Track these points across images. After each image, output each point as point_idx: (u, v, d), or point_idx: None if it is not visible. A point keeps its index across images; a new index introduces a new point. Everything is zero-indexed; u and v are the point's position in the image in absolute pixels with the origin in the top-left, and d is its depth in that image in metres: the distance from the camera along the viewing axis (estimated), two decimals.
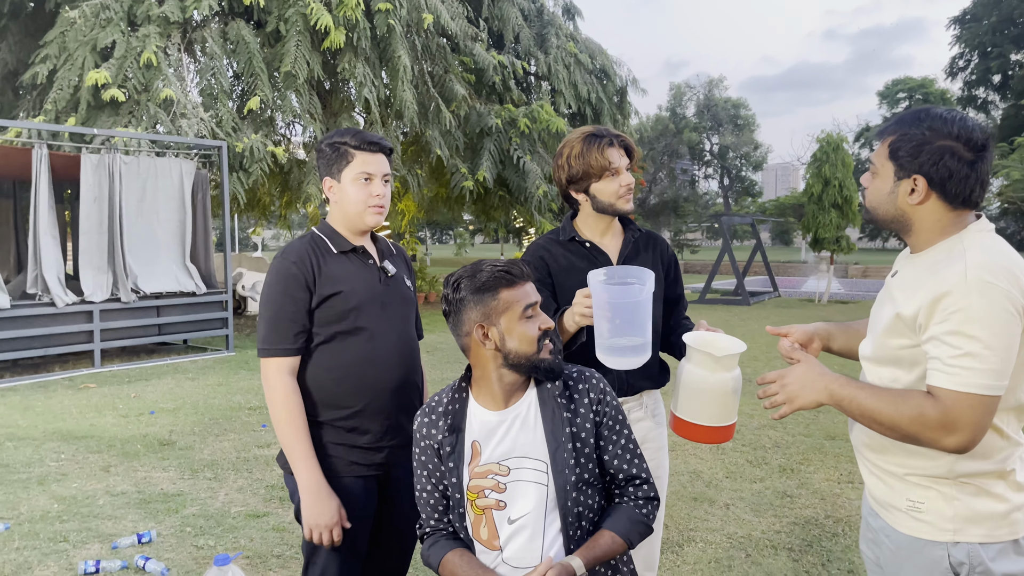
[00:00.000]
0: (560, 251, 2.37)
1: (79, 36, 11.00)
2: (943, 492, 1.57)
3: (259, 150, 11.29)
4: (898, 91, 50.26)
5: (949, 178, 1.54)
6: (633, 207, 2.34)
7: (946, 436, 1.48)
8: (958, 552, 1.54)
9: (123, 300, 9.02)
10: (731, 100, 63.87)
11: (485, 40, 15.10)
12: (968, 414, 1.46)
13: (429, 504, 1.81)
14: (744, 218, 21.88)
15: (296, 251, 2.13)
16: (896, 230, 1.67)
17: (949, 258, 1.54)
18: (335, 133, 2.18)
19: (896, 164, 1.60)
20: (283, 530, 3.96)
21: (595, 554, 1.67)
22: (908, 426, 1.52)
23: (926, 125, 1.57)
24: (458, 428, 1.77)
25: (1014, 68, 36.65)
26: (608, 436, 1.78)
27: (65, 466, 5.06)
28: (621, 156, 2.30)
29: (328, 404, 2.12)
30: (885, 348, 1.64)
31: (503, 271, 1.71)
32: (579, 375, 1.81)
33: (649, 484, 1.82)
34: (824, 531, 4.00)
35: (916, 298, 1.55)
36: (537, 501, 1.69)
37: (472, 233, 49.87)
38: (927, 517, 1.58)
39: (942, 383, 1.48)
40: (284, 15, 11.58)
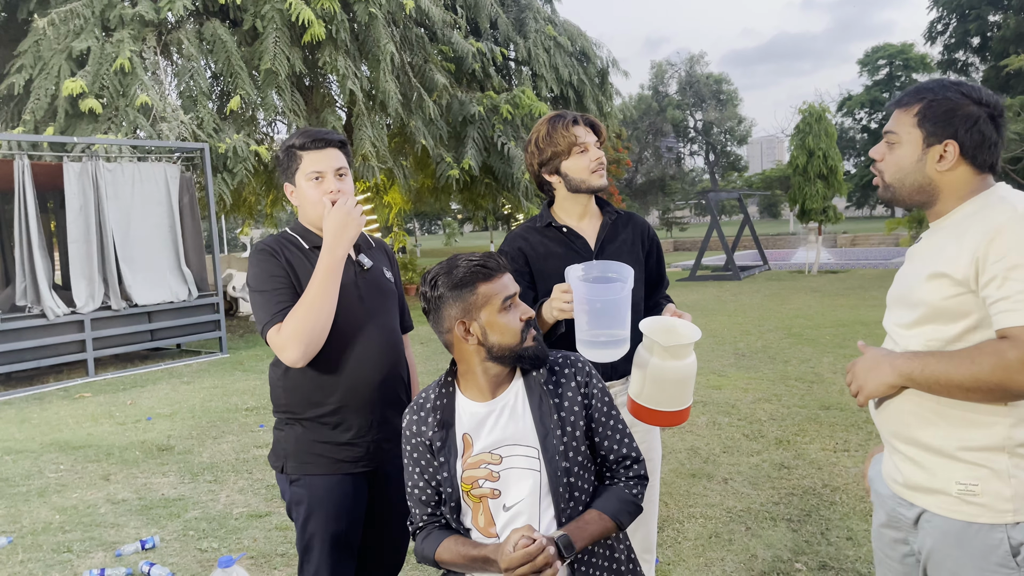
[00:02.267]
0: (538, 238, 2.38)
1: (53, 45, 10.90)
2: (997, 470, 1.48)
3: (242, 150, 11.23)
4: (878, 58, 50.35)
5: (981, 143, 1.53)
6: (606, 183, 2.35)
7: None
8: (1018, 533, 1.46)
9: (113, 308, 8.98)
10: (713, 76, 63.84)
11: (463, 28, 15.02)
12: None
13: (421, 500, 1.81)
14: (731, 193, 21.93)
15: (269, 244, 2.15)
16: (918, 202, 1.62)
17: (986, 207, 1.51)
18: (290, 136, 2.20)
19: (925, 131, 1.56)
20: (286, 529, 3.98)
21: (581, 527, 1.67)
22: (991, 376, 1.42)
23: (955, 90, 1.55)
24: (448, 423, 1.78)
25: (992, 29, 36.70)
26: (597, 418, 1.80)
27: (65, 477, 5.06)
28: (588, 133, 2.33)
29: (310, 401, 2.12)
30: (923, 305, 1.57)
31: (479, 265, 1.71)
32: (564, 360, 1.82)
33: (640, 463, 1.84)
34: (822, 500, 4.04)
35: (963, 246, 1.49)
36: (531, 487, 1.71)
37: (461, 222, 49.79)
38: (983, 499, 1.49)
39: (1015, 321, 1.40)
40: (260, 12, 11.48)
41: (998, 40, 34.79)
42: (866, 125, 51.91)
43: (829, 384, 6.67)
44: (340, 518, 2.12)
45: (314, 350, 2.02)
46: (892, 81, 49.76)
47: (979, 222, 1.49)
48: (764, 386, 6.65)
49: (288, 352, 2.00)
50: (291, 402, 2.14)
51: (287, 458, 2.15)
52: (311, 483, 2.12)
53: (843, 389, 6.46)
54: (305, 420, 2.13)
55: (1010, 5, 34.52)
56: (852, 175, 47.30)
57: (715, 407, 6.02)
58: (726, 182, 55.66)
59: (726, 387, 6.63)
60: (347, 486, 2.14)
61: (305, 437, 2.13)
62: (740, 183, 49.54)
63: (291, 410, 2.14)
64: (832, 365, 7.45)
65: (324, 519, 2.11)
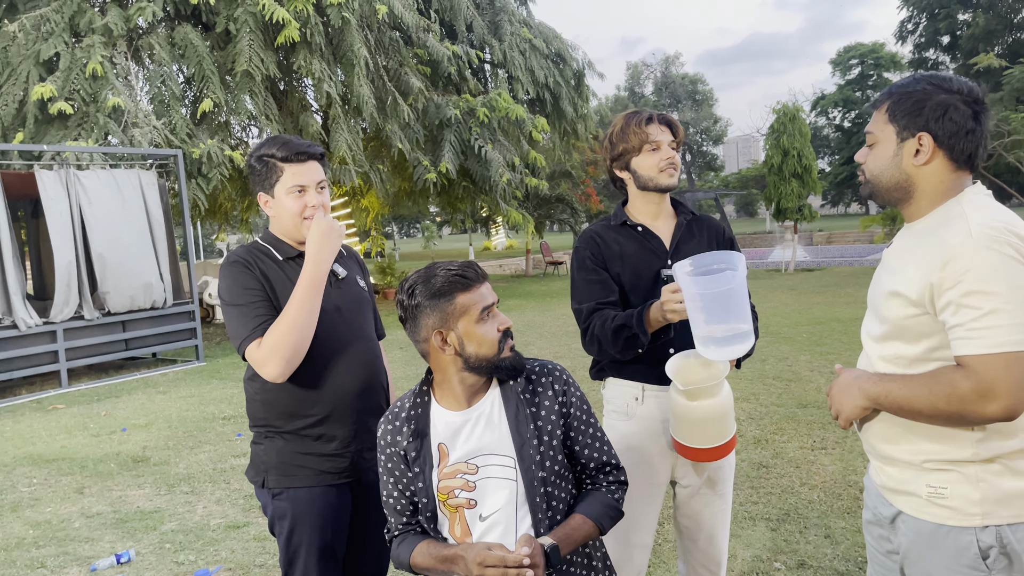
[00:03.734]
0: (612, 236, 2.35)
1: (21, 50, 10.74)
2: (966, 474, 1.49)
3: (216, 155, 11.12)
4: (850, 58, 50.92)
5: (955, 133, 1.50)
6: (676, 183, 2.31)
7: (987, 405, 1.39)
8: (987, 536, 1.47)
9: (87, 317, 8.86)
10: (688, 76, 64.27)
11: (438, 31, 15.00)
12: (1006, 374, 1.37)
13: (396, 509, 1.80)
14: (707, 193, 22.11)
15: (241, 254, 2.11)
16: (897, 199, 1.61)
17: (947, 221, 1.50)
18: (263, 144, 2.14)
19: (898, 125, 1.55)
20: (264, 540, 3.94)
21: (567, 534, 1.68)
22: (947, 405, 1.43)
23: (925, 82, 1.54)
24: (423, 433, 1.76)
25: (962, 28, 37.24)
26: (576, 426, 1.79)
27: (38, 491, 4.98)
28: (662, 132, 2.29)
29: (292, 414, 2.09)
30: (887, 322, 1.58)
31: (457, 275, 1.69)
32: (541, 369, 1.82)
33: (619, 470, 1.84)
34: (800, 499, 4.07)
35: (919, 267, 1.49)
36: (507, 497, 1.70)
37: (439, 225, 49.69)
38: (952, 502, 1.50)
39: (969, 350, 1.40)
40: (233, 15, 11.39)
41: (967, 38, 35.34)
42: (839, 124, 52.47)
43: (806, 382, 6.73)
44: (325, 529, 2.10)
45: (295, 364, 1.99)
46: (864, 80, 50.36)
47: (936, 244, 1.48)
48: (742, 385, 6.69)
49: (269, 367, 1.97)
50: (270, 415, 2.11)
51: (268, 472, 2.11)
52: (294, 496, 2.09)
53: (820, 387, 6.51)
54: (286, 433, 2.10)
55: (979, 4, 35.07)
56: (827, 174, 47.80)
57: None
58: (703, 182, 56.03)
59: None
60: (331, 497, 2.12)
61: (287, 449, 2.10)
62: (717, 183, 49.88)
63: (271, 423, 2.11)
64: (809, 363, 7.51)
65: (309, 531, 2.08)
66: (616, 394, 2.37)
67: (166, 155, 10.13)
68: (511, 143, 15.75)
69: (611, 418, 2.39)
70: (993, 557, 1.47)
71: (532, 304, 14.93)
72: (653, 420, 2.29)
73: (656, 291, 2.22)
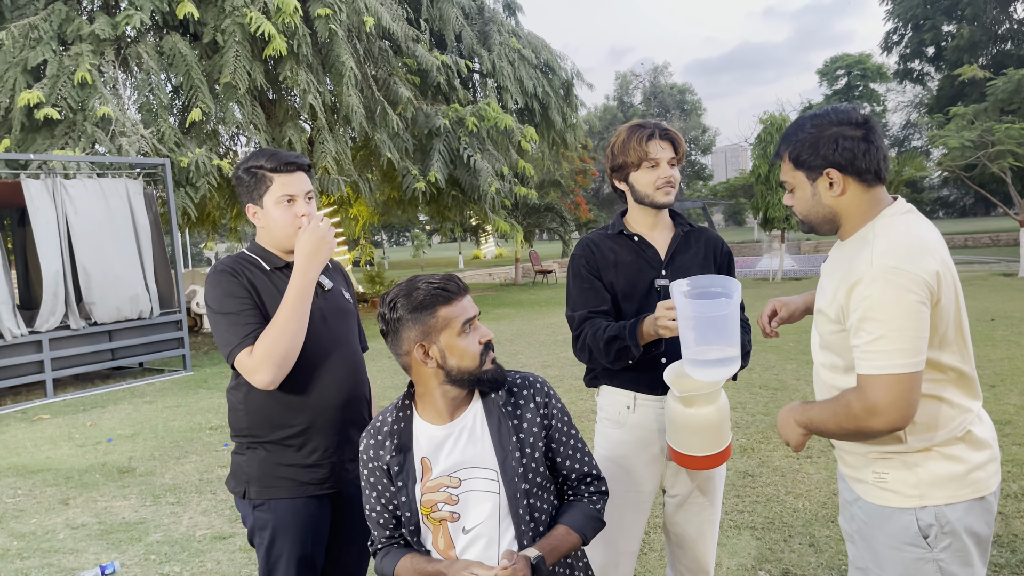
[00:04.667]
0: (608, 245, 2.39)
1: (8, 57, 10.70)
2: (905, 460, 1.65)
3: (204, 164, 11.11)
4: (836, 68, 51.27)
5: (854, 158, 1.64)
6: (672, 200, 2.33)
7: (873, 419, 1.56)
8: (926, 515, 1.62)
9: (73, 327, 8.81)
10: (677, 86, 64.61)
11: (427, 41, 15.04)
12: (885, 394, 1.53)
13: (379, 523, 1.81)
14: (695, 202, 22.21)
15: (228, 264, 2.12)
16: (830, 229, 1.76)
17: (862, 245, 1.64)
18: (250, 156, 2.16)
19: (805, 170, 1.70)
20: (250, 550, 3.92)
21: (552, 544, 1.70)
22: (846, 422, 1.61)
23: (809, 125, 1.68)
24: (405, 447, 1.77)
25: (946, 39, 37.60)
26: (558, 438, 1.82)
27: (22, 502, 4.94)
28: (663, 149, 2.30)
29: (275, 424, 2.10)
30: (819, 334, 1.77)
31: (439, 288, 1.70)
32: (523, 381, 1.84)
33: (600, 480, 1.87)
34: (785, 507, 4.09)
35: (835, 289, 1.64)
36: (491, 510, 1.72)
37: (429, 234, 49.67)
38: (893, 486, 1.66)
39: (862, 370, 1.57)
40: (221, 26, 11.39)
41: (952, 49, 35.67)
42: None
43: (792, 391, 6.76)
44: (305, 541, 2.10)
45: (286, 371, 2.01)
46: (851, 90, 50.72)
47: (849, 269, 1.62)
48: (728, 394, 6.70)
49: (260, 375, 1.98)
50: (253, 425, 2.11)
51: (249, 483, 2.12)
52: (276, 507, 2.10)
53: (806, 396, 6.55)
54: (268, 443, 2.10)
55: (963, 15, 35.43)
56: None
57: None
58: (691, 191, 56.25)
59: None
60: (312, 508, 2.12)
61: (269, 460, 2.10)
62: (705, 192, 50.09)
63: (253, 433, 2.12)
64: (795, 372, 7.55)
65: (290, 543, 2.09)
66: (608, 402, 2.40)
67: (154, 164, 10.10)
68: (500, 152, 15.79)
69: (603, 425, 2.42)
70: (933, 535, 1.62)
71: (521, 313, 14.94)
72: (644, 429, 2.32)
73: (649, 300, 2.29)
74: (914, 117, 45.37)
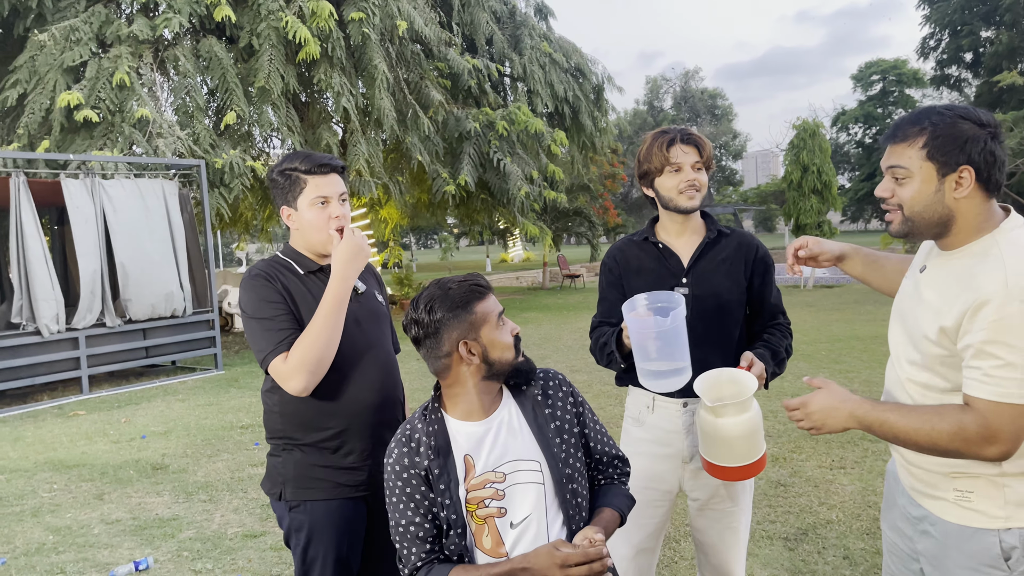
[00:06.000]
0: (635, 252, 2.43)
1: (49, 59, 10.92)
2: (993, 480, 1.56)
3: (238, 166, 11.24)
4: (871, 73, 50.63)
5: (993, 164, 1.53)
6: (696, 204, 2.32)
7: (988, 447, 1.48)
8: (1010, 537, 1.54)
9: (108, 325, 8.96)
10: (707, 91, 64.24)
11: (459, 45, 15.11)
12: (1008, 424, 1.46)
13: (418, 537, 1.72)
14: (726, 208, 22.02)
15: (262, 268, 2.13)
16: (936, 234, 1.62)
17: (985, 261, 1.53)
18: (285, 159, 2.17)
19: (938, 162, 1.55)
20: (281, 549, 3.96)
21: (605, 526, 1.76)
22: (948, 443, 1.52)
23: (953, 115, 1.55)
24: (445, 449, 1.74)
25: (985, 45, 36.97)
26: (589, 424, 1.88)
27: (58, 496, 5.03)
28: (685, 153, 2.29)
29: (311, 426, 2.11)
30: (928, 355, 1.61)
31: (473, 285, 1.74)
32: (545, 375, 1.89)
33: (625, 461, 1.95)
34: (818, 519, 4.03)
35: (956, 307, 1.53)
36: (536, 501, 1.72)
37: (457, 237, 49.83)
38: (978, 505, 1.57)
39: (982, 394, 1.48)
40: (256, 30, 11.54)
41: (990, 56, 35.06)
42: (860, 140, 52.16)
43: None
44: (341, 543, 2.11)
45: (319, 379, 2.01)
46: (886, 96, 50.05)
47: (972, 287, 1.51)
48: (760, 403, 6.64)
49: (294, 382, 1.99)
50: (288, 427, 2.12)
51: (285, 484, 2.13)
52: (312, 508, 2.10)
53: None
54: (305, 445, 2.11)
55: (1002, 21, 34.81)
56: (847, 190, 47.48)
57: None
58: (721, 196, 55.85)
59: None
60: (347, 511, 2.13)
61: (305, 462, 2.11)
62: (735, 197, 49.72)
63: (289, 435, 2.13)
64: None
65: (325, 544, 2.09)
66: (632, 401, 2.48)
67: (189, 165, 10.25)
68: (530, 156, 15.80)
69: (627, 423, 2.50)
70: (1016, 558, 1.54)
71: (549, 317, 14.92)
72: (662, 429, 2.35)
73: None
74: None
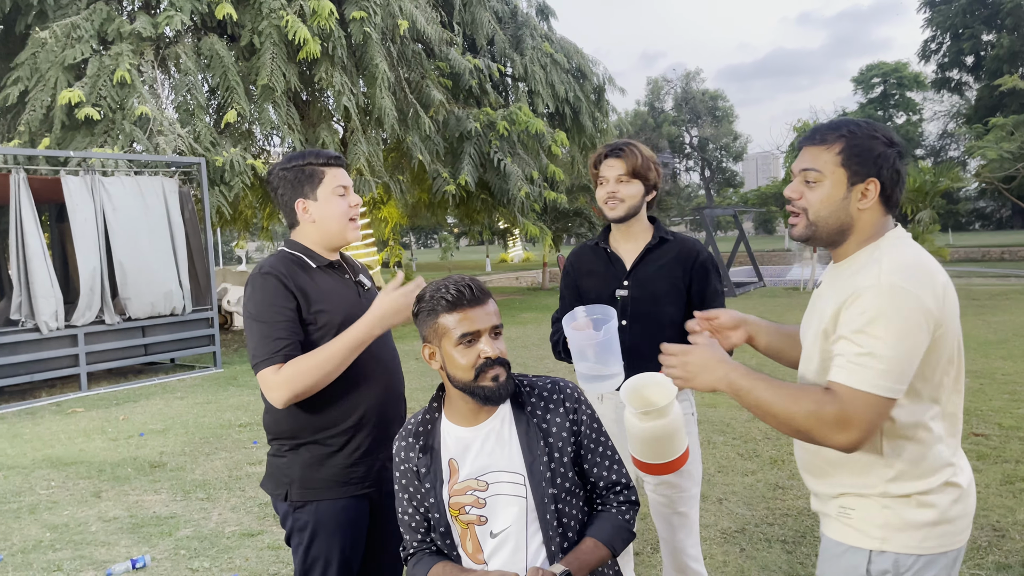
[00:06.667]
0: (588, 256, 2.67)
1: (50, 56, 10.92)
2: (878, 500, 1.55)
3: (239, 164, 11.24)
4: (872, 76, 50.69)
5: (897, 181, 1.58)
6: (620, 214, 2.50)
7: (839, 433, 1.47)
8: (882, 560, 1.52)
9: (107, 322, 8.95)
10: (708, 92, 64.22)
11: (460, 44, 15.11)
12: (863, 412, 1.46)
13: (411, 526, 1.81)
14: (726, 210, 22.01)
15: (276, 266, 2.09)
16: (834, 241, 1.63)
17: (867, 265, 1.55)
18: (292, 157, 2.17)
19: (850, 170, 1.57)
20: (278, 548, 3.95)
21: (580, 559, 1.67)
22: (803, 421, 1.50)
23: (870, 130, 1.58)
24: (432, 448, 1.77)
25: (986, 48, 37.00)
26: (587, 444, 1.79)
27: (56, 493, 5.03)
28: (611, 167, 2.50)
29: (318, 423, 2.09)
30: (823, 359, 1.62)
31: (445, 294, 1.69)
32: (552, 387, 1.82)
33: (630, 489, 1.83)
34: (816, 521, 4.03)
35: (835, 306, 1.56)
36: (517, 514, 1.70)
37: (457, 236, 49.84)
38: (856, 523, 1.57)
39: (843, 379, 1.48)
40: (258, 28, 11.54)
41: (991, 59, 35.12)
42: None
43: None
44: (345, 543, 2.10)
45: (298, 400, 2.01)
46: (886, 99, 50.10)
47: (849, 284, 1.54)
48: None
49: (276, 394, 1.98)
50: (296, 427, 2.10)
51: (291, 485, 2.11)
52: (318, 508, 2.09)
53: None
54: (312, 444, 2.10)
55: (1003, 25, 34.84)
56: None
57: (709, 426, 6.01)
58: (721, 198, 55.85)
59: (720, 406, 6.62)
60: (352, 511, 2.12)
61: (312, 462, 2.09)
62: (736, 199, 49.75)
63: (296, 435, 2.11)
64: None
65: (328, 544, 2.09)
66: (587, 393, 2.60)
67: (190, 163, 10.25)
68: (530, 156, 15.80)
69: None
70: None
71: (548, 317, 14.90)
72: (608, 419, 2.53)
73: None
74: (951, 127, 44.67)
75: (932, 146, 49.46)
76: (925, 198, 15.66)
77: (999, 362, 8.09)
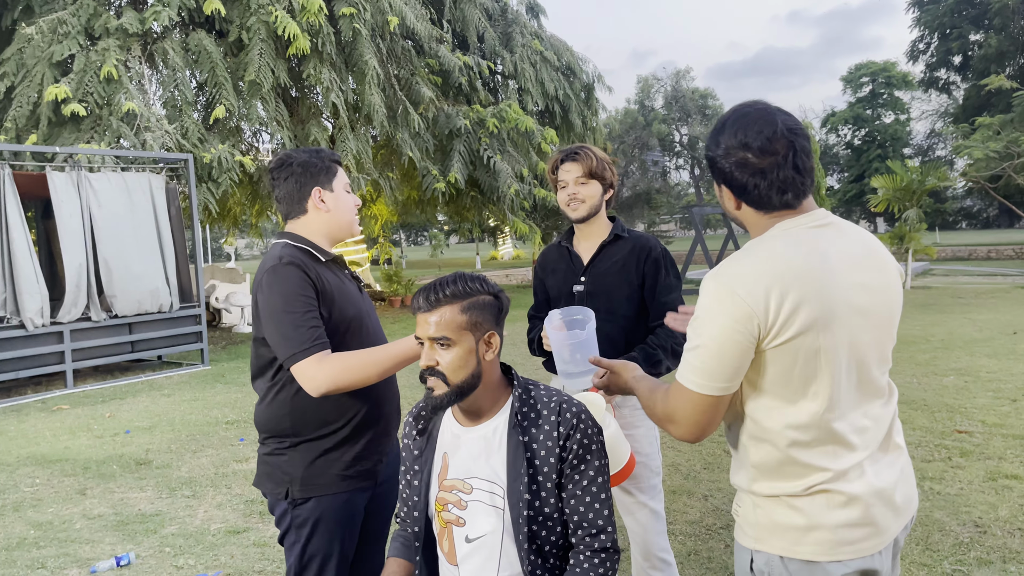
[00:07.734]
0: (553, 254, 2.79)
1: (37, 52, 10.84)
2: (751, 498, 1.55)
3: (227, 160, 11.20)
4: (861, 75, 50.88)
5: (744, 188, 1.50)
6: (582, 214, 2.62)
7: (668, 425, 1.55)
8: (759, 559, 1.52)
9: (94, 319, 8.90)
10: (698, 91, 64.31)
11: (450, 42, 15.09)
12: (682, 407, 1.49)
13: (402, 497, 1.88)
14: (715, 208, 22.02)
15: (298, 258, 2.05)
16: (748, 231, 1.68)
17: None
18: (305, 152, 2.19)
19: (715, 179, 1.58)
20: (264, 545, 3.95)
21: None
22: (658, 414, 1.59)
23: (716, 137, 1.54)
24: (429, 433, 1.80)
25: (973, 48, 37.22)
26: (569, 474, 1.68)
27: (40, 491, 5.00)
28: (568, 171, 2.62)
29: (321, 419, 2.08)
30: None
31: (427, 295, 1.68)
32: (555, 407, 1.72)
33: (606, 534, 1.67)
34: None
35: None
36: (494, 525, 1.67)
37: (447, 234, 49.80)
38: (740, 521, 1.59)
39: (677, 373, 1.55)
40: (246, 24, 11.49)
41: (979, 59, 35.32)
42: (849, 142, 52.44)
43: None
44: (343, 537, 2.10)
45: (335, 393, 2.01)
46: (875, 98, 50.31)
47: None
48: None
49: (317, 384, 1.95)
50: (298, 424, 2.08)
51: (292, 483, 2.08)
52: (319, 504, 2.07)
53: None
54: (313, 441, 2.08)
55: (991, 25, 35.05)
56: (835, 191, 47.73)
57: None
58: (711, 196, 56.00)
59: None
60: (351, 505, 2.12)
61: (314, 458, 2.08)
62: None
63: (298, 432, 2.08)
64: None
65: (329, 538, 2.08)
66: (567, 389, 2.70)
67: (177, 159, 10.20)
68: (520, 154, 15.81)
69: None
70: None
71: None
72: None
73: (571, 303, 2.64)
74: (939, 126, 44.94)
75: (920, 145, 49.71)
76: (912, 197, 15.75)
77: (984, 360, 8.15)
